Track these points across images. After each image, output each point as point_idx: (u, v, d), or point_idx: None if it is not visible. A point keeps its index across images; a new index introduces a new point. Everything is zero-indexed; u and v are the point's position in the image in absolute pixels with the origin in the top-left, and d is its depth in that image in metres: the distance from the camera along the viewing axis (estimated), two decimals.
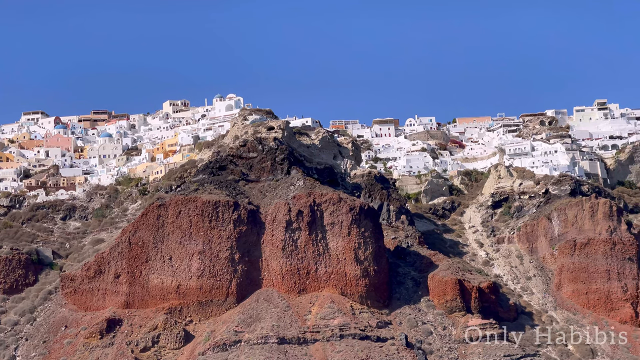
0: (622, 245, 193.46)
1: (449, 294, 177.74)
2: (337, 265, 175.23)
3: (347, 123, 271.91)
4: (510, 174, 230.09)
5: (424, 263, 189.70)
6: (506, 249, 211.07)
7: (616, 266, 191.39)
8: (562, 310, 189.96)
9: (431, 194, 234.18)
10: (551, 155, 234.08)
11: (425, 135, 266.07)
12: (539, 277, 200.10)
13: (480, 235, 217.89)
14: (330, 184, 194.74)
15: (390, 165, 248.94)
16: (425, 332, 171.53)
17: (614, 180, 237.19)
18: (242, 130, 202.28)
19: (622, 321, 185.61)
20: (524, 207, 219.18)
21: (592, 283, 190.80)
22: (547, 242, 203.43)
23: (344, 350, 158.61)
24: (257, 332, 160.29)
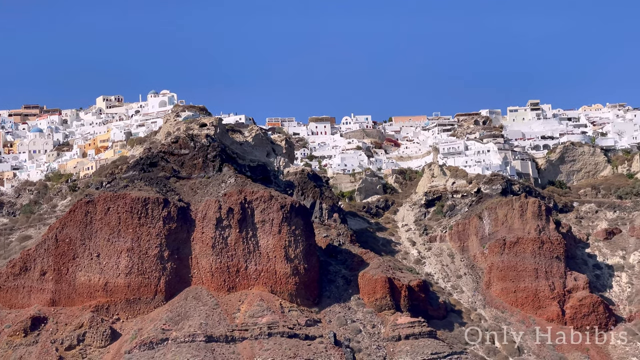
0: (550, 244, 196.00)
1: (379, 292, 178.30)
2: (267, 263, 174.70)
3: (283, 120, 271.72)
4: (443, 173, 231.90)
5: (355, 261, 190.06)
6: (438, 247, 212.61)
7: (544, 265, 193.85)
8: (490, 309, 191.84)
9: (365, 192, 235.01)
10: (484, 155, 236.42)
11: (361, 133, 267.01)
12: (470, 276, 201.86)
13: (413, 234, 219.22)
14: (262, 182, 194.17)
15: (325, 164, 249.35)
16: (354, 330, 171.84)
17: (544, 179, 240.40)
18: (174, 126, 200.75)
19: (549, 319, 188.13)
20: (456, 206, 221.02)
21: (521, 281, 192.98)
22: (477, 241, 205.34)
23: (272, 349, 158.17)
24: (185, 330, 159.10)
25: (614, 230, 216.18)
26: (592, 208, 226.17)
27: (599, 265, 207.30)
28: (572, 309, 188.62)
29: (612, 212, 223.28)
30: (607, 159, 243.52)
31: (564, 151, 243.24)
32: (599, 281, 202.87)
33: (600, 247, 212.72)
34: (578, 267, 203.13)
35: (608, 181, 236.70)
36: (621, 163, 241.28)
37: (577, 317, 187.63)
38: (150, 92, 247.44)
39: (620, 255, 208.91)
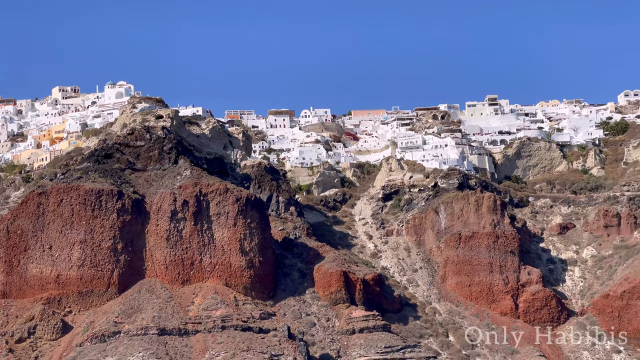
0: (505, 238, 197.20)
1: (334, 286, 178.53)
2: (222, 256, 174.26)
3: (242, 113, 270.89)
4: (401, 167, 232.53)
5: (310, 255, 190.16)
6: (395, 241, 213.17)
7: (498, 259, 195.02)
8: (445, 302, 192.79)
9: (323, 185, 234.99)
10: (441, 149, 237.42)
11: (320, 127, 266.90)
12: (425, 270, 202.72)
13: (370, 228, 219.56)
14: (219, 175, 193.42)
15: (283, 157, 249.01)
16: (308, 323, 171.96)
17: (501, 174, 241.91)
18: (130, 118, 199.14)
19: (502, 313, 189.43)
20: (413, 200, 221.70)
21: (475, 275, 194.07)
22: (434, 235, 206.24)
23: (225, 342, 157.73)
24: (137, 323, 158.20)
25: (568, 225, 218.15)
26: (547, 203, 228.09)
27: (553, 259, 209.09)
28: (525, 303, 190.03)
29: (566, 207, 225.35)
30: (562, 154, 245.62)
31: (521, 146, 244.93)
32: (552, 275, 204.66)
33: (555, 241, 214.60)
34: (532, 262, 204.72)
35: (563, 176, 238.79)
36: (576, 159, 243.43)
37: (530, 311, 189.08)
38: (108, 83, 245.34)
39: (574, 250, 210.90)
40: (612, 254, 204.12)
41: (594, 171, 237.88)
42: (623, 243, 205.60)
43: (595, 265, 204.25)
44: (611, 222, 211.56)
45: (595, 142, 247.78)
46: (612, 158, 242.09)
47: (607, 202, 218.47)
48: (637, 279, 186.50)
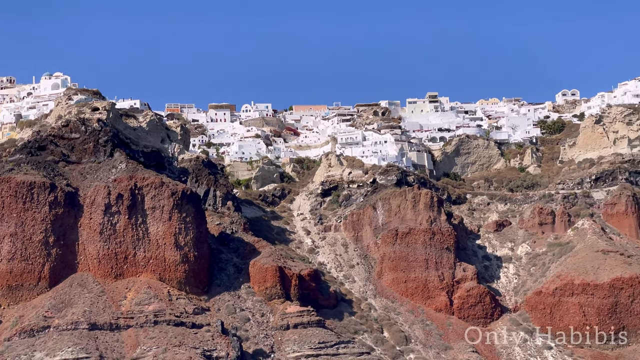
0: (441, 235, 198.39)
1: (269, 281, 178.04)
2: (156, 250, 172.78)
3: (182, 107, 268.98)
4: (340, 162, 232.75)
5: (247, 250, 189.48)
6: (332, 237, 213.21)
7: (434, 255, 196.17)
8: (381, 298, 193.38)
9: (262, 180, 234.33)
10: (381, 146, 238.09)
11: (260, 121, 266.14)
12: (362, 266, 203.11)
13: (308, 223, 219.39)
14: (156, 168, 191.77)
15: (223, 151, 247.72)
16: (243, 318, 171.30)
17: (440, 171, 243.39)
18: (65, 110, 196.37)
19: (437, 309, 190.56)
20: (352, 196, 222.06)
21: (411, 272, 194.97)
22: (371, 231, 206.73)
23: (157, 337, 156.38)
24: (68, 317, 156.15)
25: (504, 222, 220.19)
26: (484, 200, 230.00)
27: (488, 256, 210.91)
28: (459, 299, 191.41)
29: (503, 204, 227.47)
30: (500, 152, 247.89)
31: (459, 144, 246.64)
32: (487, 272, 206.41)
33: (491, 238, 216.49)
34: (468, 258, 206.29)
35: (501, 174, 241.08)
36: (514, 156, 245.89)
37: (464, 308, 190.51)
38: (45, 74, 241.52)
39: (509, 247, 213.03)
40: (545, 251, 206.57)
41: (531, 169, 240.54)
42: (557, 240, 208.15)
43: (529, 262, 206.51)
44: (546, 219, 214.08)
45: (533, 141, 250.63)
46: (549, 156, 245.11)
47: (542, 200, 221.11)
48: (569, 276, 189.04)
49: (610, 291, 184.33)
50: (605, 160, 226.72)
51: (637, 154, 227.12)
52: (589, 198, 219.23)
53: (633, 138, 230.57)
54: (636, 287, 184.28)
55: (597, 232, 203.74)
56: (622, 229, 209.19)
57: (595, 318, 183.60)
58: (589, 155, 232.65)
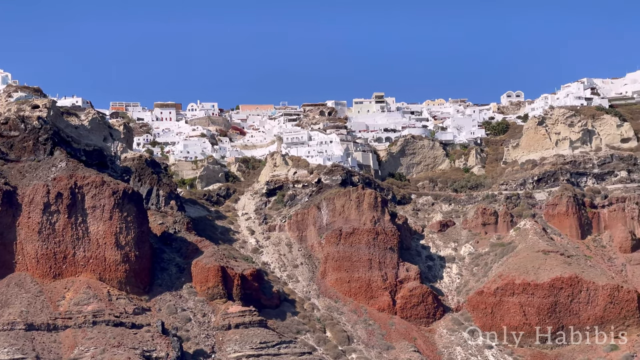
0: (385, 235, 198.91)
1: (211, 281, 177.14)
2: (96, 250, 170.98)
3: (127, 105, 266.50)
4: (285, 162, 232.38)
5: (189, 249, 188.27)
6: (277, 236, 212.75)
7: (378, 255, 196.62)
8: (324, 298, 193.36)
9: (207, 180, 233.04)
10: (326, 145, 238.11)
11: (206, 121, 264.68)
12: (306, 265, 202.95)
13: (253, 223, 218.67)
14: (98, 167, 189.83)
15: (168, 150, 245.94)
16: (184, 318, 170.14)
17: (385, 171, 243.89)
18: (5, 107, 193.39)
19: (380, 309, 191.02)
20: (297, 195, 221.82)
21: (355, 272, 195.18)
22: (315, 231, 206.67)
23: (96, 337, 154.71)
24: (4, 318, 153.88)
25: (448, 222, 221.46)
26: (429, 200, 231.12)
27: (432, 256, 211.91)
28: (402, 299, 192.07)
29: (447, 204, 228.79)
30: (445, 152, 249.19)
31: (405, 144, 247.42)
32: (430, 272, 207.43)
33: (434, 238, 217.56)
34: (412, 258, 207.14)
35: (445, 174, 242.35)
36: (458, 157, 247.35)
37: (406, 307, 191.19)
38: None
39: (453, 247, 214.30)
40: (488, 251, 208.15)
41: (475, 170, 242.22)
42: (499, 241, 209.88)
43: (472, 262, 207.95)
44: (489, 220, 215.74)
45: (477, 142, 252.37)
46: (493, 157, 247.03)
47: (486, 201, 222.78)
48: (510, 276, 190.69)
49: (550, 291, 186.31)
50: (548, 162, 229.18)
51: (578, 155, 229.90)
52: (531, 199, 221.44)
53: (574, 139, 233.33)
54: (575, 287, 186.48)
55: (539, 233, 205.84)
56: (563, 229, 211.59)
57: (535, 317, 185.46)
58: (532, 157, 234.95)
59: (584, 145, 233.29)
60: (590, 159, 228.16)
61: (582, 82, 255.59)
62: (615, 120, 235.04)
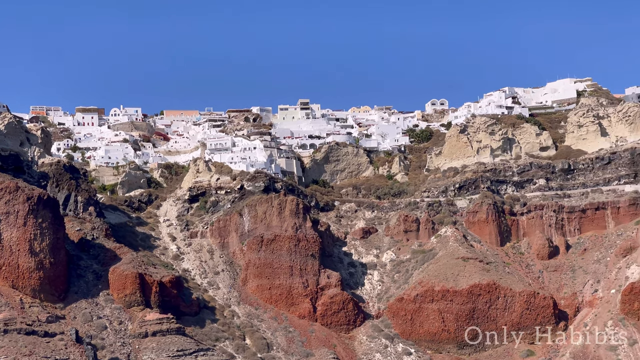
0: (306, 242, 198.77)
1: (129, 288, 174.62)
2: (9, 257, 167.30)
3: (48, 109, 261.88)
4: (208, 168, 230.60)
5: (107, 256, 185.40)
6: (198, 243, 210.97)
7: (299, 262, 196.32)
8: (245, 305, 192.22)
9: (128, 185, 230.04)
10: (250, 152, 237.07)
11: (129, 126, 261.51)
12: (227, 272, 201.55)
13: (174, 229, 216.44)
14: (14, 172, 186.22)
15: (89, 155, 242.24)
16: (99, 326, 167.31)
17: (309, 178, 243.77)
18: None
19: (300, 316, 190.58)
20: (219, 202, 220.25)
21: (276, 278, 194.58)
22: (237, 238, 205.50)
23: (7, 346, 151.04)
24: None
25: (371, 229, 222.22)
26: (352, 207, 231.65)
27: (354, 263, 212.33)
28: (323, 306, 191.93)
29: (370, 211, 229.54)
30: (369, 159, 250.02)
31: (329, 151, 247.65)
32: (352, 279, 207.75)
33: (357, 245, 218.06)
34: (334, 265, 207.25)
35: (369, 181, 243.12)
36: (382, 164, 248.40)
37: (327, 314, 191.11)
38: None
39: (375, 254, 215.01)
40: (409, 258, 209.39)
41: (398, 177, 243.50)
42: (420, 248, 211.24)
43: (393, 269, 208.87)
44: (410, 227, 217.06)
45: (401, 149, 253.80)
46: (416, 165, 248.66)
47: (408, 208, 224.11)
48: (430, 282, 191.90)
49: (469, 297, 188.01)
50: (469, 169, 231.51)
51: (498, 163, 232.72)
52: (452, 206, 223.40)
53: (495, 147, 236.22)
54: (493, 293, 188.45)
55: (459, 240, 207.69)
56: (483, 236, 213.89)
57: (454, 324, 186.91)
58: (454, 164, 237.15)
59: (505, 153, 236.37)
60: (510, 167, 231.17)
61: (504, 91, 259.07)
62: (534, 129, 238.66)
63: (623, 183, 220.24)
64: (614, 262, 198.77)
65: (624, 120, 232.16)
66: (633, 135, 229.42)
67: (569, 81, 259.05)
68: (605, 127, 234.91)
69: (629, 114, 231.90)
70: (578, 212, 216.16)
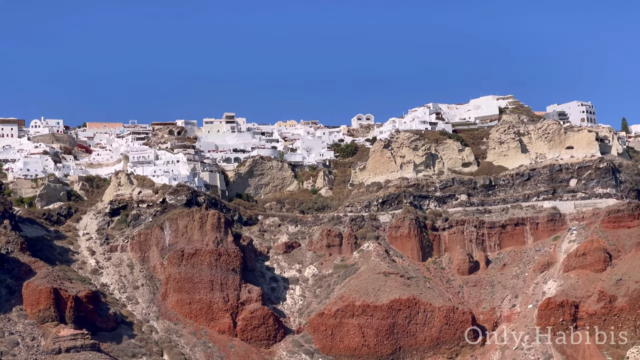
0: (227, 256, 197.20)
1: (43, 303, 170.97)
2: None
3: None
4: (130, 181, 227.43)
5: (22, 270, 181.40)
6: (118, 257, 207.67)
7: (220, 277, 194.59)
8: (164, 320, 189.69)
9: (47, 198, 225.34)
10: (173, 165, 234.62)
11: (50, 138, 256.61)
12: (147, 287, 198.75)
13: (94, 243, 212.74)
14: None
15: (7, 167, 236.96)
16: (11, 342, 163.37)
17: (233, 192, 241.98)
18: None
19: (220, 331, 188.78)
20: (141, 215, 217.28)
21: (196, 293, 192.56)
22: (158, 252, 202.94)
23: None
24: None
25: (294, 244, 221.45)
26: (276, 222, 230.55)
27: (276, 278, 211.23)
28: (243, 321, 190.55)
29: (294, 226, 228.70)
30: (294, 174, 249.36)
31: (253, 165, 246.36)
32: (274, 294, 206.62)
33: (279, 260, 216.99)
34: (256, 280, 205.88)
35: (293, 196, 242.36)
36: (307, 179, 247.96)
37: (247, 329, 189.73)
38: None
39: (297, 268, 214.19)
40: (331, 273, 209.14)
41: (323, 192, 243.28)
42: (343, 262, 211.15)
43: (315, 284, 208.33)
44: (333, 241, 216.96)
45: (326, 163, 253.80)
46: (341, 179, 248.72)
47: (331, 223, 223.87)
48: (351, 297, 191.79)
49: (389, 312, 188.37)
50: (392, 184, 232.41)
51: (421, 178, 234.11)
52: (375, 221, 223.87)
53: (418, 163, 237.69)
54: (413, 308, 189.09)
55: (381, 255, 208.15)
56: (405, 251, 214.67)
57: (374, 339, 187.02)
58: (378, 179, 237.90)
59: (428, 169, 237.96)
60: (433, 182, 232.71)
61: (428, 107, 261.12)
62: (457, 145, 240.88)
63: (542, 199, 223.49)
64: (532, 277, 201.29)
65: (543, 137, 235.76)
66: (552, 152, 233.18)
67: (492, 98, 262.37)
68: (526, 144, 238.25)
69: (548, 131, 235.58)
70: (498, 228, 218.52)
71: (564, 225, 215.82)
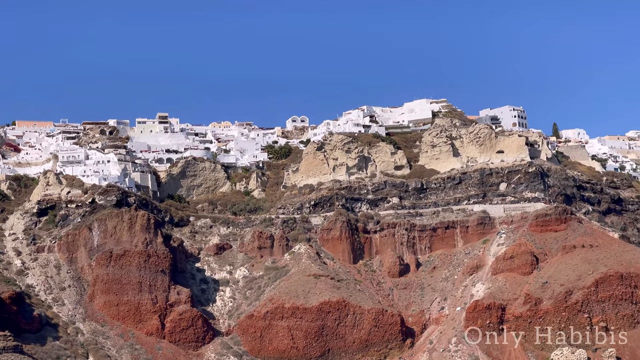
0: (157, 257, 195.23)
1: None
2: None
3: None
4: (59, 181, 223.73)
5: None
6: (45, 258, 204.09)
7: (149, 278, 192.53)
8: (90, 322, 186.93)
9: None
10: (103, 165, 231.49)
11: None
12: (74, 288, 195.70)
13: (20, 244, 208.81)
14: None
15: None
16: None
17: (164, 193, 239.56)
18: None
19: (148, 333, 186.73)
20: (69, 216, 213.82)
21: (124, 295, 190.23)
22: (86, 253, 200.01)
23: None
24: None
25: (225, 245, 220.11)
26: (207, 223, 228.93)
27: (206, 279, 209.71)
28: (172, 322, 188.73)
29: (225, 227, 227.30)
30: (227, 175, 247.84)
31: (186, 166, 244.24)
32: (204, 295, 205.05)
33: (210, 261, 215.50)
34: (186, 281, 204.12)
35: (225, 197, 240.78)
36: (240, 180, 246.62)
37: (175, 331, 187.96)
38: None
39: (228, 270, 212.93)
40: (262, 275, 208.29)
41: (255, 193, 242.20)
42: (274, 264, 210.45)
43: (246, 285, 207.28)
44: (265, 243, 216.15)
45: (259, 165, 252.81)
46: (274, 181, 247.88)
47: (263, 224, 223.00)
48: (281, 299, 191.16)
49: (318, 315, 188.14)
50: (324, 187, 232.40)
51: (354, 181, 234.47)
52: (307, 223, 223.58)
53: (351, 166, 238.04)
54: (342, 311, 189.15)
55: (312, 257, 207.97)
56: (337, 253, 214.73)
57: (303, 341, 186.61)
58: (310, 181, 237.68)
59: (360, 171, 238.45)
60: (365, 185, 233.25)
61: (362, 110, 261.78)
62: (389, 147, 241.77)
63: (472, 203, 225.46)
64: (461, 280, 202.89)
65: (474, 141, 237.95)
66: (483, 156, 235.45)
67: (425, 102, 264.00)
68: (458, 147, 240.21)
69: (479, 136, 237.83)
70: (429, 231, 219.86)
71: (493, 229, 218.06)
